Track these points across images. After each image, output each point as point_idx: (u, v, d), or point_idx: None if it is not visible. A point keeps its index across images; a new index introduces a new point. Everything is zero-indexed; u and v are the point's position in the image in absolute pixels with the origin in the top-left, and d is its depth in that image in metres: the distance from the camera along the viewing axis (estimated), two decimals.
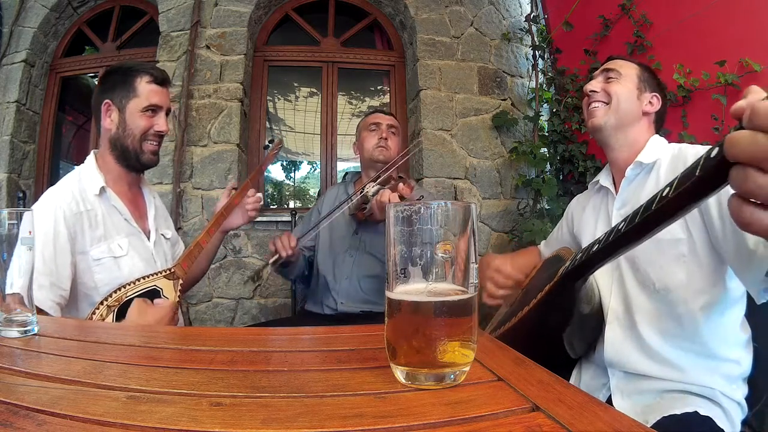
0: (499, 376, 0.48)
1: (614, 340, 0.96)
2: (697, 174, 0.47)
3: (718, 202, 0.83)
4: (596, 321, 0.97)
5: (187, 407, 0.39)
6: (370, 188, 1.52)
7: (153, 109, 1.18)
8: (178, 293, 1.11)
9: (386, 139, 1.73)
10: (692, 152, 0.94)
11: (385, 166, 1.60)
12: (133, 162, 1.19)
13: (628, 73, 1.08)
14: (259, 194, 1.43)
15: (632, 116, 1.06)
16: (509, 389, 0.44)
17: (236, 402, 0.41)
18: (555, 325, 0.93)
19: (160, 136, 1.21)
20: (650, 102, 1.07)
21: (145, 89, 1.17)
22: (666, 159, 0.99)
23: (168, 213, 1.44)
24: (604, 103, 1.08)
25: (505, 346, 0.62)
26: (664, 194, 0.54)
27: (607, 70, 1.10)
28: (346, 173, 1.95)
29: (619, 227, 0.67)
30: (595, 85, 1.10)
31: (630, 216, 0.64)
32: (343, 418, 0.37)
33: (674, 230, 0.90)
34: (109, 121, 1.17)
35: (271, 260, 1.55)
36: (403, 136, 2.45)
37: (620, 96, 1.06)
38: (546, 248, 1.31)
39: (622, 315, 0.97)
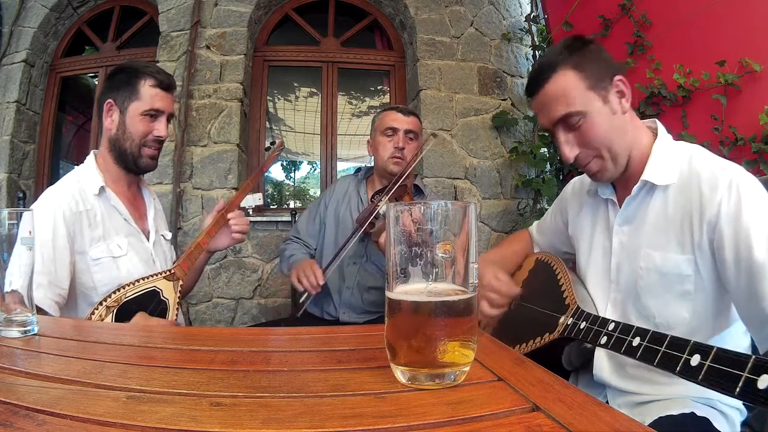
0: (499, 376, 0.48)
1: (602, 367, 0.93)
2: (735, 394, 0.48)
3: (734, 244, 0.75)
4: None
5: (187, 407, 0.39)
6: (382, 206, 1.45)
7: (153, 114, 1.17)
8: (178, 294, 1.11)
9: (403, 148, 1.58)
10: (706, 176, 0.81)
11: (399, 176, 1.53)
12: (130, 165, 1.19)
13: (582, 98, 0.85)
14: (254, 204, 1.36)
15: (622, 133, 0.88)
16: (509, 389, 0.44)
17: (236, 402, 0.41)
18: (553, 356, 0.93)
19: (159, 142, 1.20)
20: (619, 93, 0.87)
21: (148, 93, 1.16)
22: (675, 180, 0.85)
23: (165, 215, 1.43)
24: (595, 157, 0.88)
25: (506, 346, 0.62)
26: (693, 365, 0.53)
27: (564, 119, 0.86)
28: (359, 168, 1.86)
29: (633, 344, 0.64)
30: (568, 149, 0.87)
31: (649, 345, 0.61)
32: (343, 418, 0.37)
33: (682, 266, 0.83)
34: (109, 120, 1.17)
35: (302, 299, 1.49)
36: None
37: (605, 138, 0.86)
38: (539, 235, 1.23)
39: None
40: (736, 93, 1.75)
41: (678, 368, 0.54)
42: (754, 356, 0.46)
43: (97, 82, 3.12)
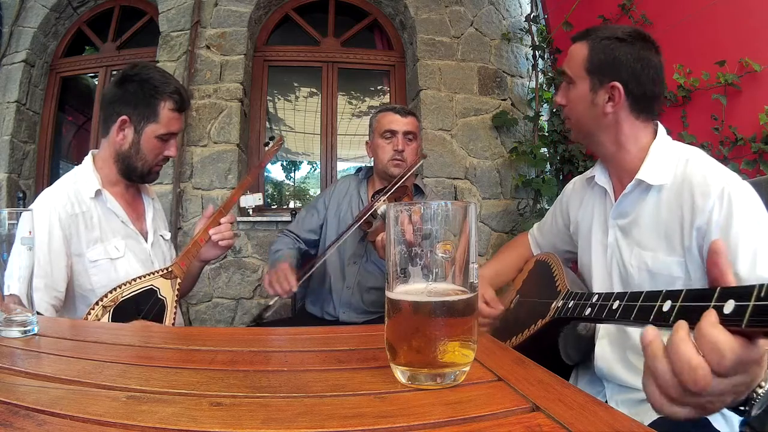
0: (499, 376, 0.48)
1: (604, 356, 0.94)
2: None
3: None
4: (591, 335, 0.97)
5: (187, 407, 0.39)
6: (380, 205, 1.44)
7: (168, 137, 1.18)
8: (176, 293, 1.11)
9: (402, 150, 1.58)
10: (698, 182, 0.83)
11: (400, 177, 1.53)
12: (135, 179, 1.21)
13: (578, 72, 0.96)
14: (233, 216, 1.30)
15: (595, 124, 0.95)
16: (509, 389, 0.44)
17: (236, 402, 0.41)
18: (550, 345, 0.92)
19: (167, 159, 1.22)
20: (609, 97, 0.93)
21: (167, 116, 1.16)
22: (669, 181, 0.88)
23: (165, 216, 1.43)
24: (569, 119, 1.02)
25: (505, 346, 0.62)
26: (665, 310, 0.52)
27: (563, 72, 1.01)
28: (360, 168, 1.85)
29: (613, 307, 0.64)
30: (560, 95, 1.03)
31: (627, 304, 0.61)
32: (343, 418, 0.37)
33: (672, 268, 0.85)
34: (121, 136, 1.15)
35: (272, 302, 1.46)
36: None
37: (572, 110, 0.99)
38: (540, 237, 1.25)
39: (613, 333, 0.95)
40: (736, 93, 1.75)
41: (652, 317, 0.54)
42: (720, 287, 0.45)
43: (97, 82, 3.12)
